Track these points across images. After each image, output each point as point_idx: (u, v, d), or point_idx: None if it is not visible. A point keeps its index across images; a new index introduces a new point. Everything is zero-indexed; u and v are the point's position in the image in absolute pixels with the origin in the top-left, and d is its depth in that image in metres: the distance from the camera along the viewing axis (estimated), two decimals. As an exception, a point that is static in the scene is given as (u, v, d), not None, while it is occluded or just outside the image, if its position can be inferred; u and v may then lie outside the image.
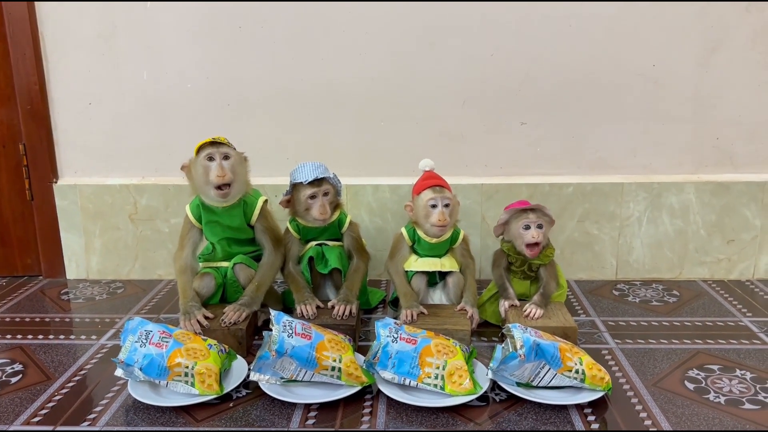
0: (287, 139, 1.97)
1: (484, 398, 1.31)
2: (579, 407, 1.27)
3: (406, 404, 1.28)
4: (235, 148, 1.58)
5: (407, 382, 1.30)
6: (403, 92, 1.92)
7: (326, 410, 1.28)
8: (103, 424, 1.24)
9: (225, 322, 1.51)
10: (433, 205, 1.57)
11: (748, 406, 1.27)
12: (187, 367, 1.29)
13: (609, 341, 1.57)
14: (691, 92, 1.89)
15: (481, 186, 1.96)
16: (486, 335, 1.62)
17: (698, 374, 1.40)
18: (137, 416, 1.26)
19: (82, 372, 1.45)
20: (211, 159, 1.52)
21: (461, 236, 1.68)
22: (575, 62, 1.88)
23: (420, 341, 1.33)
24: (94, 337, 1.64)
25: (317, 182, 1.60)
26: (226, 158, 1.53)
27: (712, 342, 1.56)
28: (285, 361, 1.29)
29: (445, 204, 1.58)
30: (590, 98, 1.91)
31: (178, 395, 1.30)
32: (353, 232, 1.71)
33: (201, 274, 1.63)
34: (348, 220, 1.70)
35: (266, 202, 1.64)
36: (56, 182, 2.03)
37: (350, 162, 1.97)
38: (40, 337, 1.65)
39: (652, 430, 1.19)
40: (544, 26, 1.85)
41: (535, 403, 1.28)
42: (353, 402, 1.30)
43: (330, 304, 1.60)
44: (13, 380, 1.42)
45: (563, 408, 1.27)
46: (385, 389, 1.30)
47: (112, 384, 1.39)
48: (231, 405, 1.30)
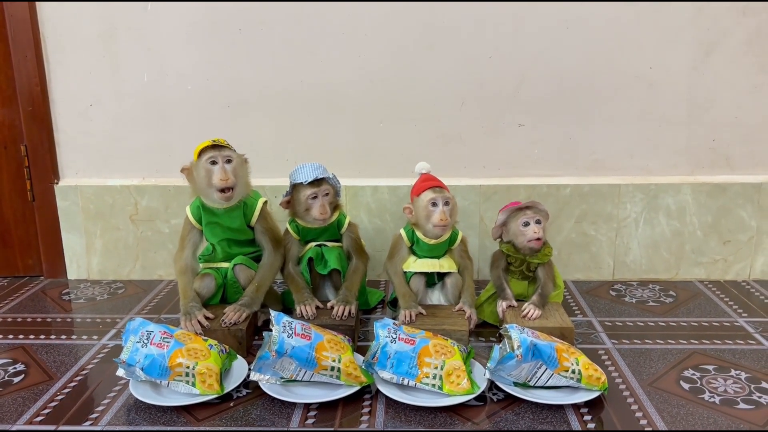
0: (286, 141, 1.98)
1: (481, 398, 1.32)
2: (575, 407, 1.28)
3: (405, 404, 1.29)
4: (235, 150, 1.59)
5: (406, 382, 1.31)
6: (401, 94, 1.93)
7: (326, 410, 1.29)
8: (105, 423, 1.25)
9: (225, 323, 1.52)
10: (434, 203, 1.58)
11: (742, 405, 1.28)
12: (188, 367, 1.30)
13: (606, 341, 1.59)
14: (687, 94, 1.90)
15: (480, 187, 1.97)
16: (484, 335, 1.64)
17: (693, 374, 1.41)
18: (139, 416, 1.28)
19: (84, 372, 1.47)
20: (214, 162, 1.53)
21: (459, 237, 1.69)
22: (573, 65, 1.89)
23: (418, 341, 1.34)
24: (95, 337, 1.65)
25: (317, 182, 1.62)
26: (228, 161, 1.54)
27: (707, 342, 1.57)
28: (285, 361, 1.30)
29: (446, 203, 1.58)
30: (587, 100, 1.92)
31: (179, 395, 1.31)
32: (352, 233, 1.72)
33: (201, 275, 1.64)
34: (347, 221, 1.71)
35: (266, 203, 1.66)
36: (57, 183, 2.04)
37: (349, 163, 1.98)
38: (42, 337, 1.66)
39: (648, 430, 1.21)
40: (541, 29, 1.87)
41: (532, 402, 1.29)
42: (352, 402, 1.31)
43: (329, 304, 1.61)
44: (16, 380, 1.43)
45: (560, 408, 1.28)
46: (384, 389, 1.31)
47: (113, 384, 1.40)
48: (231, 405, 1.31)
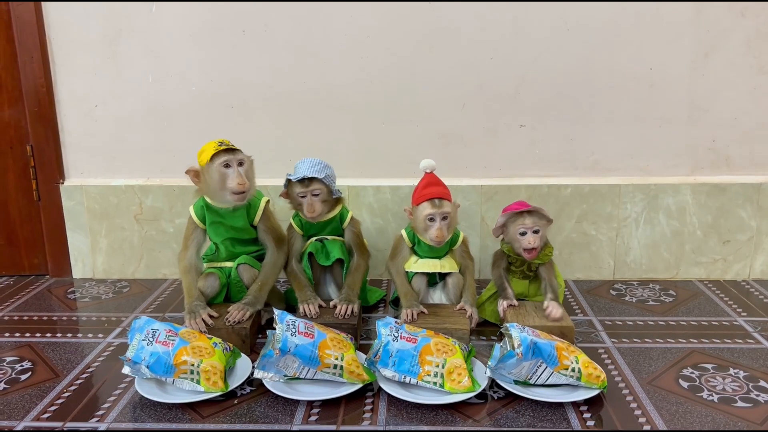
0: (289, 141, 1.99)
1: (482, 396, 1.34)
2: (575, 405, 1.30)
3: (407, 401, 1.30)
4: (242, 152, 1.60)
5: (407, 380, 1.33)
6: (403, 95, 1.95)
7: (328, 407, 1.30)
8: (111, 420, 1.27)
9: (229, 321, 1.54)
10: (432, 219, 1.59)
11: (740, 404, 1.30)
12: (192, 365, 1.32)
13: (606, 340, 1.60)
14: (686, 95, 1.91)
15: (481, 187, 1.98)
16: (485, 334, 1.65)
17: (692, 373, 1.43)
18: (144, 413, 1.29)
19: (90, 369, 1.48)
20: (228, 166, 1.54)
21: (461, 238, 1.70)
22: (573, 66, 1.90)
23: (420, 340, 1.36)
24: (100, 335, 1.67)
25: (308, 181, 1.62)
26: (241, 164, 1.56)
27: (707, 341, 1.58)
28: (288, 359, 1.32)
29: (443, 218, 1.58)
30: (588, 101, 1.93)
31: (184, 392, 1.32)
32: (354, 227, 1.74)
33: (205, 275, 1.66)
34: (350, 216, 1.73)
35: (268, 202, 1.68)
36: (63, 183, 2.06)
37: (351, 163, 2.00)
38: (48, 335, 1.68)
39: (646, 428, 1.22)
40: (541, 31, 1.88)
41: (532, 400, 1.31)
42: (355, 399, 1.33)
43: (332, 303, 1.63)
44: (23, 377, 1.45)
45: (560, 405, 1.30)
46: (386, 387, 1.33)
47: (119, 381, 1.42)
48: (235, 402, 1.33)
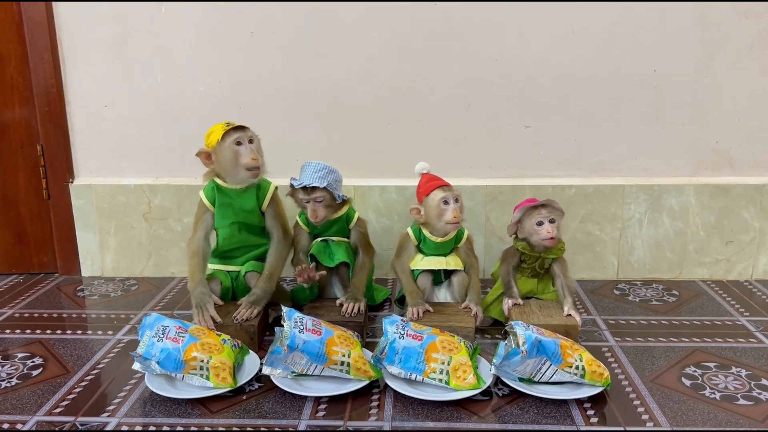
0: (296, 141, 2.01)
1: (487, 393, 1.36)
2: (579, 402, 1.32)
3: (413, 398, 1.32)
4: (250, 129, 1.63)
5: (413, 377, 1.35)
6: (409, 96, 1.97)
7: (335, 403, 1.32)
8: (122, 414, 1.29)
9: (237, 320, 1.56)
10: (446, 202, 1.60)
11: (742, 401, 1.31)
12: (202, 361, 1.34)
13: (609, 339, 1.62)
14: (690, 97, 1.93)
15: (486, 187, 2.00)
16: (489, 332, 1.67)
17: (695, 371, 1.44)
18: (154, 408, 1.31)
19: (100, 366, 1.51)
20: (240, 144, 1.58)
21: (465, 235, 1.72)
22: (577, 67, 1.92)
23: (426, 338, 1.38)
24: (110, 332, 1.69)
25: (311, 188, 1.62)
26: (251, 142, 1.60)
27: (709, 340, 1.60)
28: (296, 355, 1.34)
29: (455, 200, 1.61)
30: (592, 102, 1.95)
31: (193, 388, 1.34)
32: (361, 228, 1.74)
33: (208, 278, 1.66)
34: (356, 217, 1.74)
35: (277, 189, 1.70)
36: (72, 182, 2.08)
37: (358, 163, 2.02)
38: (58, 332, 1.70)
39: (649, 425, 1.24)
40: (547, 33, 1.90)
41: (536, 397, 1.32)
42: (361, 395, 1.35)
43: (338, 302, 1.65)
44: (34, 373, 1.47)
45: (564, 402, 1.31)
46: (392, 383, 1.35)
47: (129, 377, 1.44)
48: (244, 397, 1.35)
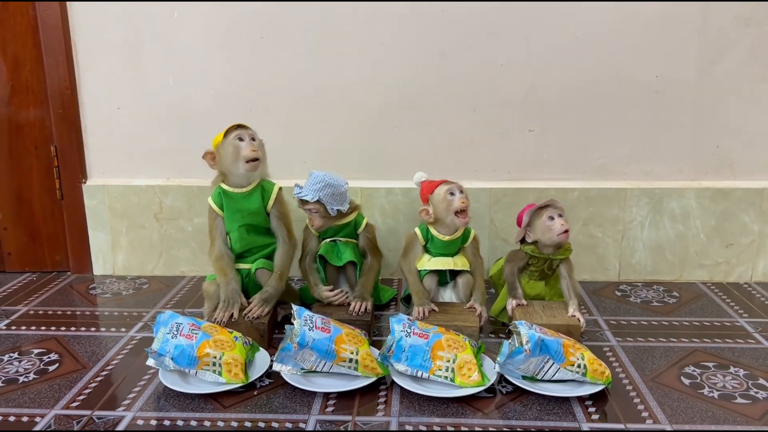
0: (305, 144, 2.05)
1: (491, 390, 1.39)
2: (580, 399, 1.35)
3: (419, 394, 1.35)
4: (254, 130, 1.68)
5: (419, 374, 1.38)
6: (415, 100, 2.00)
7: (344, 399, 1.36)
8: (137, 408, 1.33)
9: (249, 318, 1.60)
10: (452, 192, 1.65)
11: (740, 400, 1.34)
12: (215, 357, 1.38)
13: (610, 339, 1.65)
14: (692, 102, 1.96)
15: (490, 190, 2.03)
16: (494, 332, 1.70)
17: (694, 371, 1.48)
18: (168, 402, 1.35)
19: (114, 362, 1.54)
20: (241, 139, 1.64)
21: (472, 235, 1.75)
22: (581, 73, 1.95)
23: (432, 336, 1.41)
24: (123, 329, 1.73)
25: (304, 200, 1.67)
26: (253, 139, 1.66)
27: (708, 341, 1.63)
28: (306, 352, 1.37)
29: (460, 191, 1.66)
30: (595, 107, 1.98)
31: (206, 383, 1.38)
32: (369, 233, 1.78)
33: (214, 280, 1.70)
34: (364, 222, 1.77)
35: (281, 190, 1.74)
36: (85, 182, 2.12)
37: (364, 166, 2.06)
38: (72, 329, 1.74)
39: (649, 423, 1.27)
40: (551, 38, 1.93)
41: (539, 395, 1.35)
42: (369, 392, 1.38)
43: (347, 299, 1.69)
44: (51, 368, 1.51)
45: (566, 400, 1.34)
46: (399, 380, 1.38)
47: (143, 373, 1.48)
48: (255, 393, 1.38)
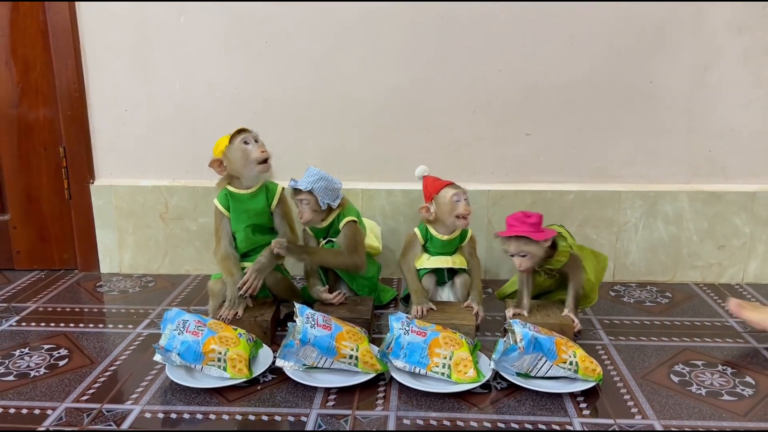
0: (307, 146, 2.09)
1: (486, 386, 1.43)
2: (572, 395, 1.38)
3: (416, 390, 1.39)
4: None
5: (417, 371, 1.42)
6: (415, 103, 2.04)
7: (344, 394, 1.40)
8: (144, 402, 1.37)
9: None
10: (457, 200, 1.69)
11: (726, 397, 1.38)
12: (220, 353, 1.42)
13: (603, 338, 1.69)
14: (685, 107, 2.00)
15: (488, 192, 2.07)
16: (489, 330, 1.74)
17: (683, 369, 1.52)
18: (175, 396, 1.39)
19: (122, 357, 1.59)
20: (247, 143, 1.68)
21: (469, 235, 1.79)
22: (577, 78, 1.99)
23: (429, 334, 1.45)
24: (130, 326, 1.78)
25: (297, 189, 1.70)
26: (256, 141, 1.70)
27: (698, 340, 1.67)
28: (308, 349, 1.41)
29: (465, 198, 1.70)
30: (591, 111, 2.02)
31: (211, 378, 1.42)
32: (347, 231, 1.72)
33: (218, 279, 1.73)
34: (344, 221, 1.72)
35: (284, 189, 1.77)
36: (93, 183, 2.16)
37: (365, 168, 2.10)
38: (81, 325, 1.78)
39: (638, 418, 1.31)
40: (548, 44, 1.97)
41: (532, 391, 1.39)
42: (368, 387, 1.42)
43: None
44: (61, 363, 1.56)
45: (558, 396, 1.38)
46: (397, 376, 1.42)
47: (150, 368, 1.52)
48: (259, 388, 1.43)
